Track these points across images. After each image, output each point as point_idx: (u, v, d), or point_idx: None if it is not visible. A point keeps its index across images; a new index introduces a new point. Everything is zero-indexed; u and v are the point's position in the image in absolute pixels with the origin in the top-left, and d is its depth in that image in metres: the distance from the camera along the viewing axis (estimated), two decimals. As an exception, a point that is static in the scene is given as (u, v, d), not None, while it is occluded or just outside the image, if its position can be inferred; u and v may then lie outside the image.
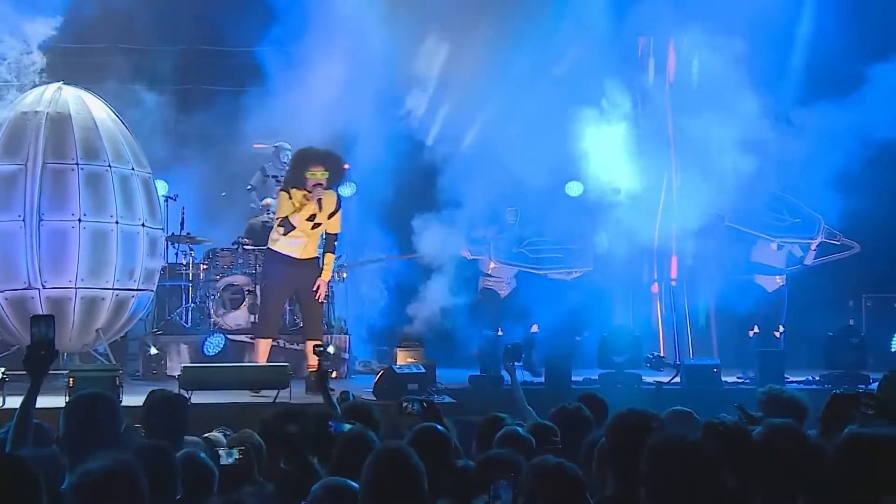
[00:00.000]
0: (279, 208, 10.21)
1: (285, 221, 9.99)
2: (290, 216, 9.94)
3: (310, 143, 10.53)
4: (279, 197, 10.27)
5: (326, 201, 10.01)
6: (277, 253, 10.15)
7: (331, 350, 11.12)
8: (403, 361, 10.79)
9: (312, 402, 7.96)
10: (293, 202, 9.95)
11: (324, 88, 12.04)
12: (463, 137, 12.52)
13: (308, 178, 9.91)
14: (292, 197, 9.97)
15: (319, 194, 9.91)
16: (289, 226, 9.96)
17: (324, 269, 10.19)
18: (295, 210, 9.93)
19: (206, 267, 12.01)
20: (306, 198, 9.92)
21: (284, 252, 10.09)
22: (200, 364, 10.29)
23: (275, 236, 10.16)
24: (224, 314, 11.66)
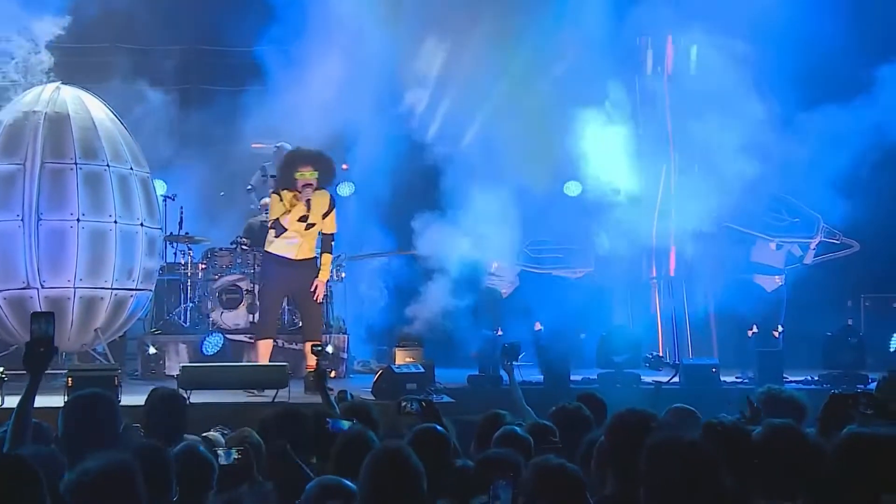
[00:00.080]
0: (271, 211, 10.23)
1: (276, 223, 10.00)
2: (281, 218, 9.95)
3: (309, 143, 10.52)
4: (271, 199, 10.29)
5: (318, 201, 10.01)
6: (273, 255, 10.16)
7: (329, 350, 11.13)
8: (402, 361, 10.79)
9: (311, 402, 7.96)
10: (284, 204, 9.96)
11: (323, 87, 12.02)
12: (462, 136, 12.51)
13: (297, 179, 9.91)
14: (283, 199, 9.97)
15: (308, 194, 9.91)
16: (280, 228, 9.97)
17: (321, 270, 10.19)
18: (285, 211, 9.94)
19: (205, 266, 12.00)
20: (296, 198, 9.94)
21: (280, 254, 10.09)
22: (199, 364, 10.28)
23: (270, 238, 10.16)
24: (222, 314, 11.65)
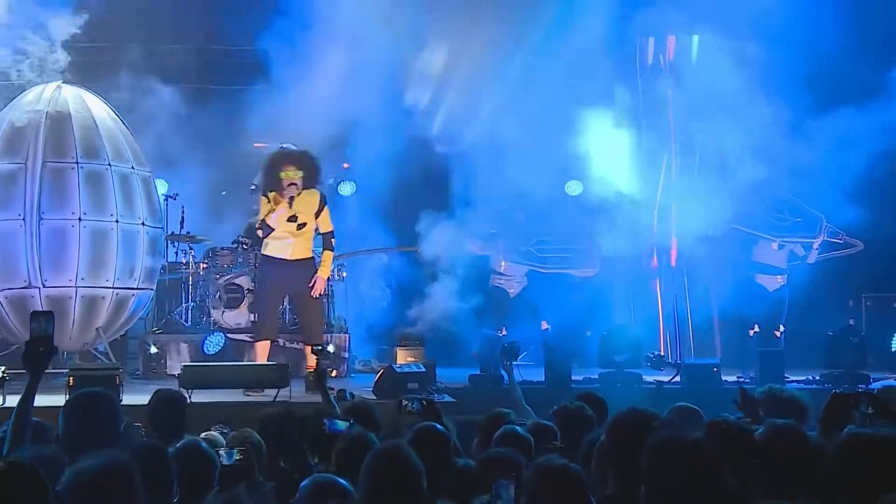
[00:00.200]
0: (260, 212, 10.25)
1: (263, 224, 10.04)
2: (267, 218, 9.98)
3: (311, 142, 10.53)
4: (260, 201, 10.31)
5: (306, 200, 10.03)
6: (268, 256, 10.20)
7: (330, 349, 11.12)
8: (403, 360, 10.77)
9: (312, 402, 7.95)
10: (271, 205, 9.99)
11: (326, 86, 12.02)
12: (466, 135, 12.50)
13: (282, 179, 9.97)
14: (270, 200, 10.01)
15: (292, 193, 9.92)
16: (267, 228, 10.01)
17: (322, 267, 10.22)
18: (270, 210, 9.97)
19: (206, 266, 12.00)
20: (280, 196, 9.96)
21: (274, 255, 10.13)
22: (200, 363, 10.28)
23: (265, 240, 10.18)
24: (224, 313, 11.65)
